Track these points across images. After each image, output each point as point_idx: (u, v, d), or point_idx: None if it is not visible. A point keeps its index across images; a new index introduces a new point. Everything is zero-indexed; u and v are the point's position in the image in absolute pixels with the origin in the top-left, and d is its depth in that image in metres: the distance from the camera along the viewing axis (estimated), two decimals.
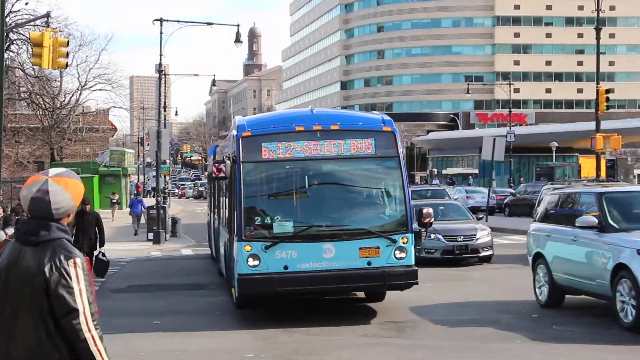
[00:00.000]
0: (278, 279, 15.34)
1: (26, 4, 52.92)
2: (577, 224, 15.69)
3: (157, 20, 46.13)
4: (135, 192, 70.41)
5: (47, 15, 41.50)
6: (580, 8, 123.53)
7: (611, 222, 15.04)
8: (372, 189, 17.29)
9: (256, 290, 15.89)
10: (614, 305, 14.28)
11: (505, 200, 54.74)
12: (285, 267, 15.49)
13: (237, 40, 50.84)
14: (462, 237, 26.04)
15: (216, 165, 18.86)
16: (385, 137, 16.62)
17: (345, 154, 16.44)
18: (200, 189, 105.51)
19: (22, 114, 62.67)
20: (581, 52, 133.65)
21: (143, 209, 50.57)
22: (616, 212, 15.49)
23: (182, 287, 24.93)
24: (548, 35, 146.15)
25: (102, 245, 24.54)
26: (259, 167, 16.68)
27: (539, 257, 18.05)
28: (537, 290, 18.08)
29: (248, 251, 15.53)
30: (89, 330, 5.81)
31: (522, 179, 70.38)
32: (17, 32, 49.03)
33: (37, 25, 40.07)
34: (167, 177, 61.63)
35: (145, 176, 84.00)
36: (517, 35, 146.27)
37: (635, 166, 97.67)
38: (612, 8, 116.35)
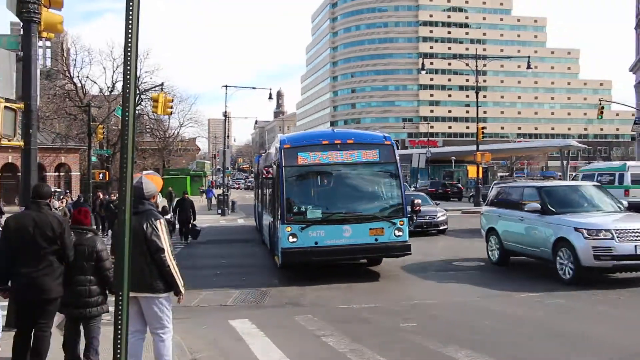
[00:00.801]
0: (311, 251, 13.66)
1: (150, 78, 53.36)
2: (526, 209, 14.25)
3: (224, 86, 46.63)
4: (210, 185, 70.40)
5: (162, 84, 41.83)
6: (467, 80, 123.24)
7: (550, 207, 13.80)
8: (378, 185, 15.20)
9: (295, 259, 14.05)
10: (555, 266, 13.18)
11: None
12: (316, 243, 13.72)
13: (270, 97, 51.72)
14: (428, 216, 24.69)
15: (266, 168, 17.11)
16: (386, 148, 14.78)
17: (358, 160, 14.58)
18: (248, 184, 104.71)
19: (146, 140, 62.76)
20: (467, 105, 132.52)
21: (214, 196, 50.92)
22: (552, 200, 14.10)
23: (237, 241, 24.84)
24: (449, 95, 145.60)
25: (194, 219, 24.40)
26: (296, 170, 14.51)
27: (491, 230, 16.35)
28: (489, 252, 16.49)
29: (289, 231, 13.73)
30: (170, 260, 6.36)
31: (436, 178, 70.28)
32: (144, 94, 49.15)
33: (156, 90, 40.17)
34: (229, 177, 61.87)
35: (216, 176, 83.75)
36: (432, 95, 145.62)
37: (499, 171, 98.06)
38: (484, 81, 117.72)
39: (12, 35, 9.89)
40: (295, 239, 13.80)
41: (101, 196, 28.99)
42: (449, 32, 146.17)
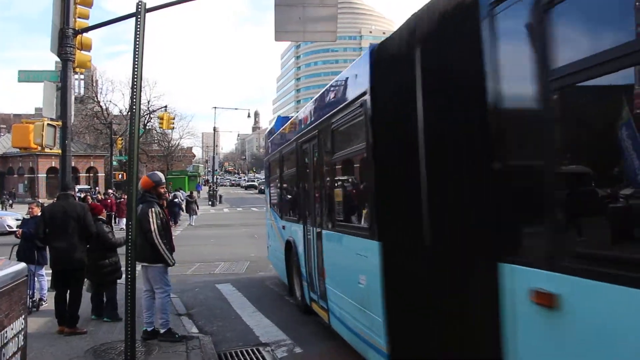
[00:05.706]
0: None
1: (158, 101, 52.73)
2: None
3: (214, 107, 47.42)
4: (203, 183, 69.52)
5: (166, 106, 40.83)
6: None
7: None
8: None
9: None
10: None
11: None
12: None
13: (249, 115, 53.10)
14: None
15: None
16: None
17: None
18: (232, 182, 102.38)
19: (154, 149, 61.88)
20: None
21: (201, 189, 51.27)
22: None
23: (223, 225, 24.55)
24: None
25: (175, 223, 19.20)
26: None
27: None
28: None
29: None
30: (157, 239, 6.21)
31: None
32: (153, 114, 48.30)
33: (162, 110, 39.59)
34: (217, 177, 61.61)
35: (207, 176, 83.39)
36: None
37: None
38: None
39: (54, 71, 10.26)
40: None
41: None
42: None
